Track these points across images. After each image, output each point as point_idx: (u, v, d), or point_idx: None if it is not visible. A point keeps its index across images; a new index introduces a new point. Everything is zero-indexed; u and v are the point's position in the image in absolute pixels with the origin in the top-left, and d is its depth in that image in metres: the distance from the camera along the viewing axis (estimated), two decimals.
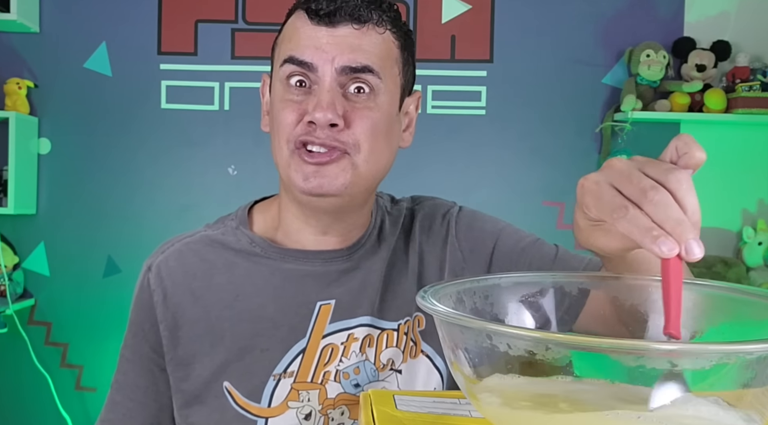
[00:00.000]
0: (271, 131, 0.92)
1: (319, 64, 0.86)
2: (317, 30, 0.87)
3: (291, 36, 0.89)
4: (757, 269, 2.62)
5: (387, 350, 0.93)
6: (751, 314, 0.59)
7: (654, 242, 0.52)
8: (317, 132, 0.85)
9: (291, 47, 0.88)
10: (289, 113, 0.87)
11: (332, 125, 0.85)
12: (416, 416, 0.60)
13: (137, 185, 2.65)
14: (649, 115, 2.56)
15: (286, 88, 0.88)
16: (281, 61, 0.89)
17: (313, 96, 0.86)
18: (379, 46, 0.89)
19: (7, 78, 2.55)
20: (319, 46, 0.86)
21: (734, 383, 0.47)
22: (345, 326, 0.92)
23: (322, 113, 0.84)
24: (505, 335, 0.49)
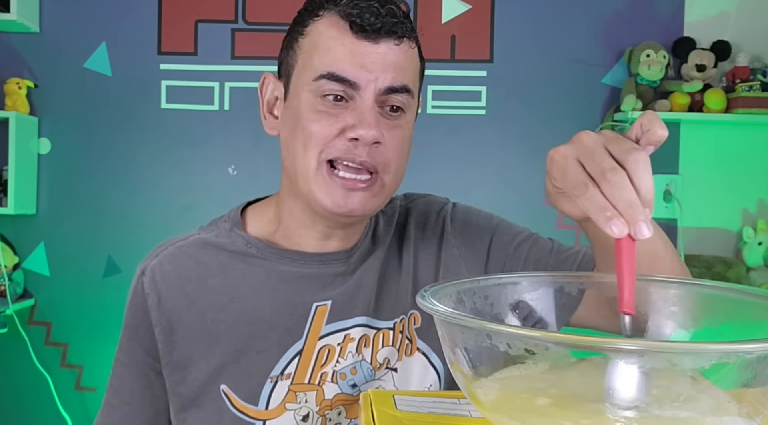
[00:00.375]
0: (291, 139, 0.89)
1: (363, 83, 0.85)
2: (360, 45, 0.85)
3: (328, 47, 0.87)
4: (757, 269, 2.62)
5: (383, 349, 0.93)
6: (751, 314, 0.60)
7: (606, 222, 0.55)
8: (358, 149, 0.84)
9: (330, 62, 0.85)
10: (326, 125, 0.85)
11: (375, 142, 0.85)
12: (416, 416, 0.60)
13: (137, 185, 2.65)
14: None
15: (320, 99, 0.86)
16: (316, 75, 0.86)
17: (351, 111, 0.85)
18: (412, 62, 0.89)
19: (7, 78, 2.55)
20: (363, 65, 0.85)
21: (734, 383, 0.47)
22: (341, 327, 0.92)
23: (368, 131, 0.83)
24: (505, 335, 0.49)
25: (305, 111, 0.87)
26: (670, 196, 2.66)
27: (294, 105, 0.89)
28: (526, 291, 0.66)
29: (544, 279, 0.68)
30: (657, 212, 2.68)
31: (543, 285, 0.67)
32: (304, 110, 0.87)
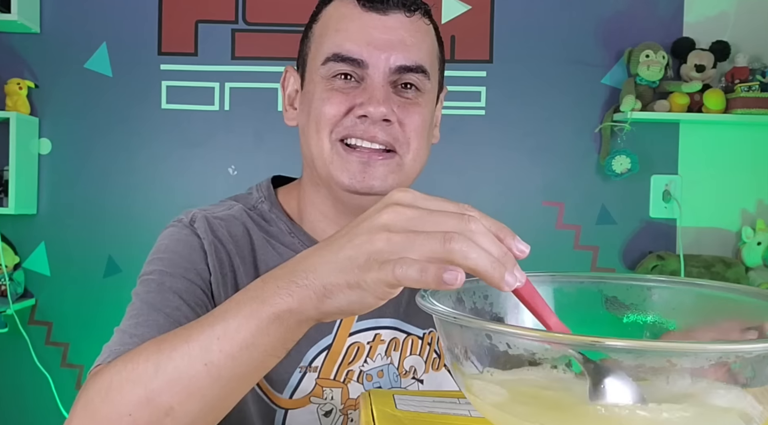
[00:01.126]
0: (306, 124, 0.88)
1: (372, 61, 0.83)
2: (368, 18, 0.84)
3: (337, 25, 0.85)
4: (756, 269, 2.62)
5: (411, 356, 0.92)
6: (750, 314, 0.60)
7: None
8: (368, 126, 0.83)
9: (337, 42, 0.84)
10: (336, 104, 0.84)
11: (385, 120, 0.83)
12: (416, 416, 0.60)
13: (137, 185, 2.65)
14: (648, 115, 2.56)
15: (330, 81, 0.85)
16: (324, 58, 0.85)
17: (362, 89, 0.84)
18: (427, 40, 0.87)
19: (7, 78, 2.55)
20: (371, 41, 0.83)
21: (733, 383, 0.47)
22: (372, 325, 0.91)
23: (377, 108, 0.82)
24: (505, 334, 0.50)
25: (317, 94, 0.86)
26: (669, 196, 2.66)
27: (308, 91, 0.88)
28: None
29: (543, 278, 0.68)
30: (656, 212, 2.69)
31: (542, 285, 0.67)
32: (317, 93, 0.86)
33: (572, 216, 2.68)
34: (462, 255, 0.50)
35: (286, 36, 2.64)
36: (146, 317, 0.79)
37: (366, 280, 0.53)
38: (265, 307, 0.58)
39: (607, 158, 2.61)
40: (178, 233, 0.89)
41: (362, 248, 0.54)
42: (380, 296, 0.54)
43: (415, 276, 0.50)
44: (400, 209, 0.54)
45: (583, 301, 0.67)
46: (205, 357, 0.59)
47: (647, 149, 2.66)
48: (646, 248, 2.68)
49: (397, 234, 0.53)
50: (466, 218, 0.52)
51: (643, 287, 0.66)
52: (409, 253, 0.51)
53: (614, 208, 2.69)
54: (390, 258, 0.52)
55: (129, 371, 0.62)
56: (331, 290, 0.55)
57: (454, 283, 0.50)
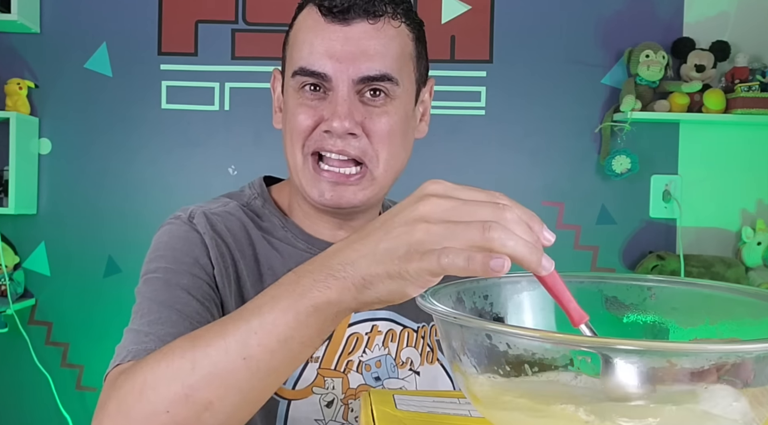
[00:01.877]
0: (285, 131, 0.91)
1: (334, 75, 0.84)
2: (330, 31, 0.84)
3: (303, 39, 0.86)
4: (756, 269, 2.62)
5: (407, 348, 0.94)
6: (750, 314, 0.60)
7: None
8: (335, 140, 0.84)
9: (302, 56, 0.86)
10: (304, 118, 0.86)
11: (350, 134, 0.84)
12: (416, 415, 0.60)
13: (137, 185, 2.65)
14: (648, 115, 2.56)
15: (299, 92, 0.87)
16: (293, 71, 0.86)
17: (328, 102, 0.85)
18: (394, 44, 0.86)
19: (7, 78, 2.55)
20: (332, 54, 0.84)
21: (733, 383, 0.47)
22: (370, 316, 0.93)
23: (339, 123, 0.83)
24: (505, 334, 0.50)
25: (290, 106, 0.88)
26: (670, 196, 2.66)
27: (285, 99, 0.91)
28: (526, 290, 0.66)
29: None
30: (656, 212, 2.69)
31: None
32: (290, 105, 0.88)
33: (572, 216, 2.68)
34: (500, 243, 0.52)
35: None
36: (158, 314, 0.79)
37: (408, 270, 0.54)
38: (303, 300, 0.59)
39: (607, 158, 2.61)
40: (177, 229, 0.89)
41: (401, 240, 0.55)
42: (421, 285, 0.56)
43: (462, 264, 0.52)
44: (436, 201, 0.55)
45: (583, 301, 0.67)
46: (243, 351, 0.60)
47: (647, 149, 2.66)
48: (646, 248, 2.68)
49: (435, 225, 0.54)
50: (500, 207, 0.54)
51: (643, 287, 0.66)
52: (450, 242, 0.53)
53: (614, 208, 2.69)
54: (431, 248, 0.53)
55: (164, 368, 0.62)
56: (371, 281, 0.56)
57: (501, 270, 0.51)
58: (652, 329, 0.65)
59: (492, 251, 0.51)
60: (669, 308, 0.65)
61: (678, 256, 2.56)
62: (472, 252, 0.52)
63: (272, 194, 0.98)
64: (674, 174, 2.68)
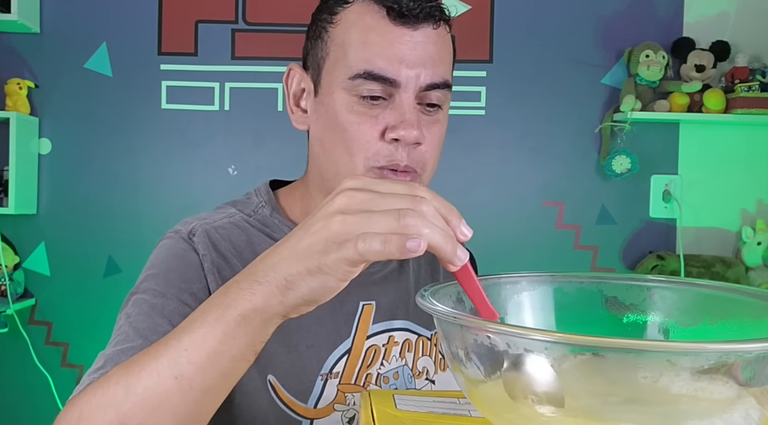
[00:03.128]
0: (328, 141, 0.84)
1: (403, 81, 0.80)
2: (398, 34, 0.80)
3: (363, 40, 0.81)
4: (756, 269, 2.62)
5: (423, 357, 0.93)
6: (750, 313, 0.60)
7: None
8: (399, 152, 0.81)
9: (367, 57, 0.80)
10: (368, 128, 0.81)
11: (416, 143, 0.81)
12: (416, 415, 0.60)
13: (137, 185, 2.65)
14: (648, 115, 2.56)
15: (357, 100, 0.81)
16: (352, 74, 0.80)
17: (391, 110, 0.81)
18: (448, 51, 0.86)
19: (7, 78, 2.55)
20: (403, 59, 0.80)
21: None
22: (387, 327, 0.91)
23: (410, 132, 0.80)
24: (505, 334, 0.50)
25: (342, 111, 0.82)
26: (670, 196, 2.66)
27: (327, 102, 0.84)
28: (525, 290, 0.66)
29: (543, 278, 0.68)
30: (656, 212, 2.69)
31: (542, 284, 0.67)
32: (341, 109, 0.82)
33: (572, 216, 2.68)
34: (416, 230, 0.53)
35: (286, 36, 2.64)
36: (132, 344, 0.76)
37: (326, 262, 0.55)
38: (229, 310, 0.58)
39: (607, 158, 2.61)
40: (175, 246, 0.86)
41: (319, 235, 0.56)
42: (342, 277, 0.56)
43: (379, 248, 0.53)
44: (352, 193, 0.56)
45: (583, 301, 0.67)
46: (174, 370, 0.59)
47: (647, 149, 2.66)
48: (646, 248, 2.68)
49: (351, 215, 0.55)
50: (417, 200, 0.54)
51: (643, 287, 0.66)
52: (366, 230, 0.53)
53: (614, 208, 2.69)
54: (347, 238, 0.54)
55: (99, 396, 0.61)
56: (293, 281, 0.57)
57: (417, 250, 0.52)
58: (652, 329, 0.65)
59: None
60: (669, 309, 0.65)
61: (678, 256, 2.56)
62: (389, 234, 0.52)
63: (279, 201, 0.94)
64: (674, 174, 2.68)
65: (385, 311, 0.91)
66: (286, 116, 0.94)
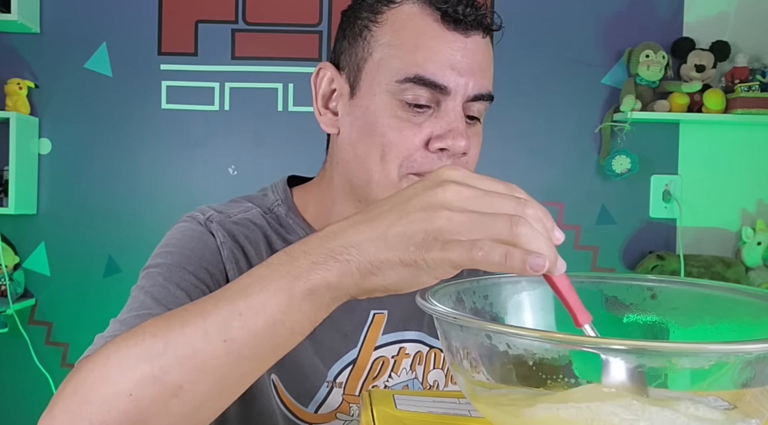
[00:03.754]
0: (362, 144, 0.80)
1: (453, 88, 0.78)
2: (450, 39, 0.78)
3: (416, 40, 0.78)
4: (756, 269, 2.62)
5: (434, 370, 0.90)
6: (750, 314, 0.60)
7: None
8: (444, 161, 0.78)
9: (419, 61, 0.77)
10: (410, 135, 0.78)
11: (463, 153, 0.79)
12: (416, 416, 0.60)
13: (137, 185, 2.65)
14: (648, 115, 2.56)
15: (402, 105, 0.78)
16: (403, 77, 0.77)
17: (436, 119, 0.78)
18: (492, 63, 0.83)
19: (7, 78, 2.55)
20: (455, 66, 0.77)
21: (733, 383, 0.47)
22: (398, 338, 0.88)
23: (458, 142, 0.77)
24: (505, 334, 0.49)
25: (383, 115, 0.78)
26: (670, 196, 2.66)
27: (365, 105, 0.80)
28: (526, 290, 0.66)
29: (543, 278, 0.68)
30: (656, 212, 2.69)
31: (542, 284, 0.67)
32: (382, 113, 0.78)
33: (572, 216, 2.68)
34: (527, 239, 0.49)
35: (286, 36, 2.64)
36: (148, 310, 0.73)
37: (426, 259, 0.51)
38: (299, 282, 0.54)
39: (607, 158, 2.61)
40: (191, 229, 0.83)
41: (418, 225, 0.51)
42: (438, 275, 0.52)
43: (499, 260, 0.49)
44: (456, 188, 0.52)
45: (583, 301, 0.67)
46: (224, 333, 0.54)
47: (647, 149, 2.66)
48: (646, 248, 2.68)
49: (458, 214, 0.51)
50: (522, 202, 0.52)
51: (643, 287, 0.66)
52: (474, 234, 0.50)
53: (614, 208, 2.69)
54: (453, 238, 0.50)
55: (131, 346, 0.56)
56: (379, 268, 0.52)
57: (540, 270, 0.49)
58: (652, 329, 0.65)
59: (517, 247, 0.49)
60: (669, 308, 0.65)
61: (678, 256, 2.56)
62: (510, 248, 0.49)
63: (294, 200, 0.90)
64: (674, 174, 2.68)
65: (397, 322, 0.88)
66: (286, 116, 0.93)
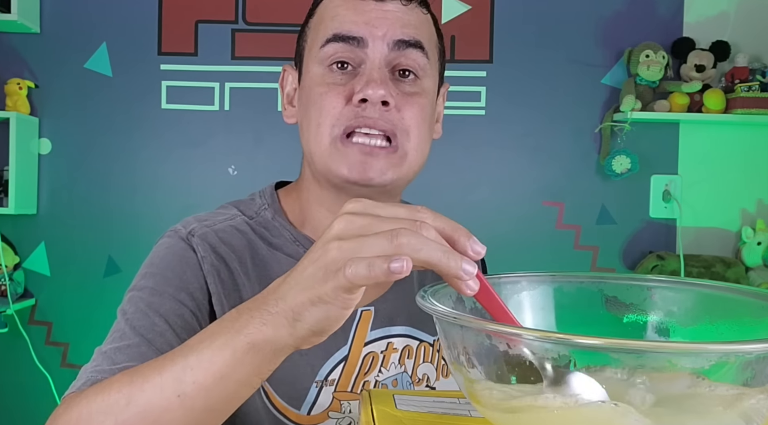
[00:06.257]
0: (305, 119, 0.85)
1: (370, 38, 0.81)
2: (364, 4, 0.83)
3: (333, 14, 0.84)
4: (756, 269, 2.62)
5: (423, 364, 0.91)
6: (750, 314, 0.60)
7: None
8: (368, 111, 0.80)
9: (335, 25, 0.83)
10: (334, 96, 0.81)
11: (384, 103, 0.80)
12: (416, 415, 0.60)
13: (137, 185, 2.65)
14: (648, 115, 2.56)
15: (327, 71, 0.83)
16: (323, 41, 0.83)
17: (360, 76, 0.81)
18: (425, 26, 0.86)
19: (7, 78, 2.55)
20: (368, 21, 0.81)
21: (733, 383, 0.47)
22: (385, 333, 0.89)
23: (375, 90, 0.79)
24: (505, 335, 0.49)
25: (315, 86, 0.83)
26: (670, 196, 2.66)
27: (305, 85, 0.86)
28: (525, 290, 0.66)
29: (543, 278, 0.68)
30: (656, 212, 2.69)
31: (542, 284, 0.67)
32: (314, 84, 0.83)
33: (572, 216, 2.68)
34: (411, 248, 0.51)
35: (286, 36, 2.64)
36: (128, 342, 0.76)
37: (326, 291, 0.54)
38: (240, 337, 0.57)
39: (607, 158, 2.61)
40: (174, 245, 0.85)
41: (319, 262, 0.54)
42: (342, 305, 0.54)
43: (364, 272, 0.51)
44: (351, 218, 0.54)
45: (583, 301, 0.67)
46: (177, 388, 0.59)
47: (647, 149, 2.66)
48: (646, 248, 2.68)
49: (347, 241, 0.53)
50: (417, 224, 0.52)
51: (643, 287, 0.66)
52: (359, 255, 0.52)
53: (614, 208, 2.69)
54: (342, 265, 0.52)
55: (99, 402, 0.62)
56: (299, 312, 0.55)
57: (401, 271, 0.50)
58: (652, 329, 0.65)
59: None
60: (669, 308, 0.65)
61: (678, 256, 2.56)
62: (374, 258, 0.50)
63: (281, 203, 0.93)
64: (674, 174, 2.68)
65: (383, 318, 0.89)
66: None
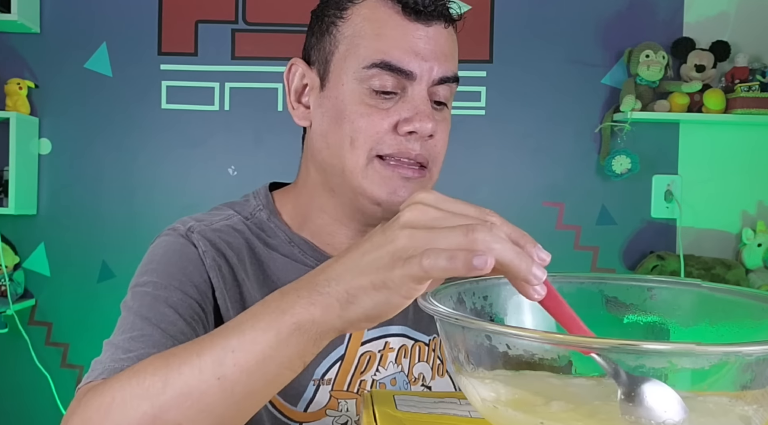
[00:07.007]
0: (333, 132, 0.83)
1: (418, 73, 0.81)
2: (412, 29, 0.81)
3: (378, 30, 0.81)
4: (757, 270, 2.62)
5: (419, 363, 0.92)
6: (750, 315, 0.60)
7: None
8: (412, 142, 0.81)
9: (382, 48, 0.80)
10: (378, 120, 0.81)
11: (430, 136, 0.82)
12: (416, 416, 0.60)
13: (137, 185, 2.65)
14: (648, 115, 2.56)
15: (368, 92, 0.81)
16: (367, 63, 0.81)
17: (403, 103, 0.81)
18: (456, 50, 0.86)
19: (7, 78, 2.55)
20: (418, 52, 0.80)
21: (733, 384, 0.47)
22: (382, 333, 0.90)
23: (425, 124, 0.80)
24: (505, 335, 0.50)
25: (352, 103, 0.82)
26: (672, 196, 2.66)
27: (334, 95, 0.83)
28: None
29: None
30: (657, 213, 2.69)
31: None
32: (350, 101, 0.82)
33: (572, 216, 2.68)
34: (486, 245, 0.50)
35: (286, 36, 2.64)
36: (140, 331, 0.75)
37: (392, 278, 0.53)
38: (285, 317, 0.56)
39: (607, 158, 2.61)
40: (173, 242, 0.85)
41: (385, 248, 0.53)
42: (406, 294, 0.54)
43: (444, 264, 0.50)
44: (423, 208, 0.54)
45: (583, 301, 0.67)
46: (217, 370, 0.57)
47: (647, 149, 2.66)
48: (646, 249, 2.68)
49: (419, 230, 0.53)
50: (488, 224, 0.52)
51: (644, 287, 0.66)
52: (434, 246, 0.51)
53: (614, 208, 2.69)
54: (414, 254, 0.52)
55: (134, 386, 0.60)
56: (355, 295, 0.54)
57: (484, 267, 0.49)
58: (652, 329, 0.65)
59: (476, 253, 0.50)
60: (669, 309, 0.65)
61: (678, 256, 2.56)
62: (455, 250, 0.50)
63: (276, 204, 0.93)
64: (674, 174, 2.68)
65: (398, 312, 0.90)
66: (286, 116, 0.93)
